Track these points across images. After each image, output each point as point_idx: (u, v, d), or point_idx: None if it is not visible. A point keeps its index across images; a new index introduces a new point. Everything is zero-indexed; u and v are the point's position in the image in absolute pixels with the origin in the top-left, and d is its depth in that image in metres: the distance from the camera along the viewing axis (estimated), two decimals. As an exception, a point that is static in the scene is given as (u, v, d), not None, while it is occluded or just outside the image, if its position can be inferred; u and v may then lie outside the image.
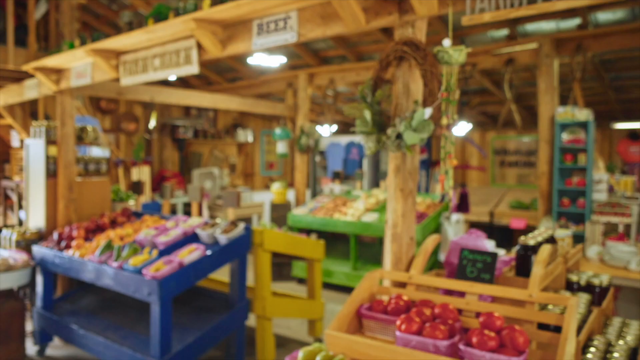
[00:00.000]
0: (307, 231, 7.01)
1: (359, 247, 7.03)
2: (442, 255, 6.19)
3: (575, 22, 5.13)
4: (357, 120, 2.39)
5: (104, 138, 4.93)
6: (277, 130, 7.12)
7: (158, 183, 8.06)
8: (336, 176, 7.73)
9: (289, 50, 6.76)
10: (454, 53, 2.18)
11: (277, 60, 6.04)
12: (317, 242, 4.55)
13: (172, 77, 3.46)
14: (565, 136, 5.01)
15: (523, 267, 2.35)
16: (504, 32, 5.56)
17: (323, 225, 6.55)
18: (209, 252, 3.60)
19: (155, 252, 3.56)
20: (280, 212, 7.15)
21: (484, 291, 2.11)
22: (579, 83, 5.11)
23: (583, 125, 4.96)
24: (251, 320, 4.18)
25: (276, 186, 7.15)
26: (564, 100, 5.73)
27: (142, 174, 7.30)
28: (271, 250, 4.04)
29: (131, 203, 5.34)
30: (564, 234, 2.69)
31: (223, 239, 3.76)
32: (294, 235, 4.29)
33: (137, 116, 8.46)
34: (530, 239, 2.38)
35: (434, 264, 6.35)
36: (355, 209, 6.57)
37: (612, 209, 4.82)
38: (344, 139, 10.95)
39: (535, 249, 2.34)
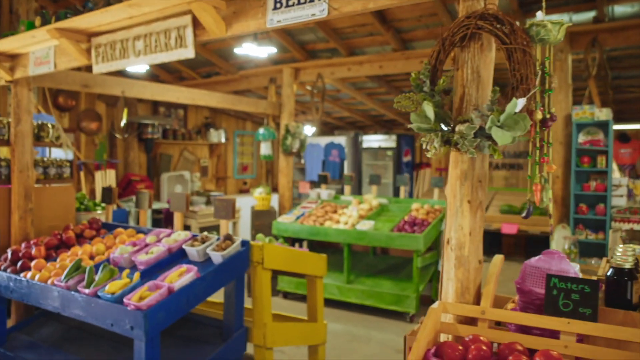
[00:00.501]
0: (293, 240, 6.52)
1: (351, 258, 6.59)
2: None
3: (590, 15, 4.85)
4: (412, 115, 1.93)
5: (66, 137, 4.29)
6: (261, 130, 6.59)
7: (124, 188, 7.37)
8: (322, 180, 7.25)
9: (273, 43, 6.25)
10: (553, 27, 1.75)
11: (266, 51, 5.52)
12: (319, 257, 4.07)
13: (161, 60, 2.89)
14: (581, 137, 4.72)
15: (617, 296, 1.95)
16: (512, 24, 5.23)
17: (313, 234, 6.07)
18: (202, 274, 3.05)
19: (137, 276, 2.99)
20: (263, 220, 6.62)
21: (589, 331, 1.69)
22: (594, 80, 4.83)
23: (601, 125, 4.68)
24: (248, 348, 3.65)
25: (259, 191, 6.61)
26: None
27: (107, 178, 6.62)
28: (272, 268, 3.53)
29: (98, 212, 4.70)
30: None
31: (217, 257, 3.23)
32: (296, 250, 3.79)
33: (100, 114, 7.74)
34: (624, 261, 1.98)
35: (433, 274, 5.98)
36: (348, 216, 6.12)
37: (633, 215, 4.56)
38: (324, 140, 10.51)
39: (632, 273, 1.94)
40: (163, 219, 7.77)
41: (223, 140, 9.87)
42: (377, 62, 6.10)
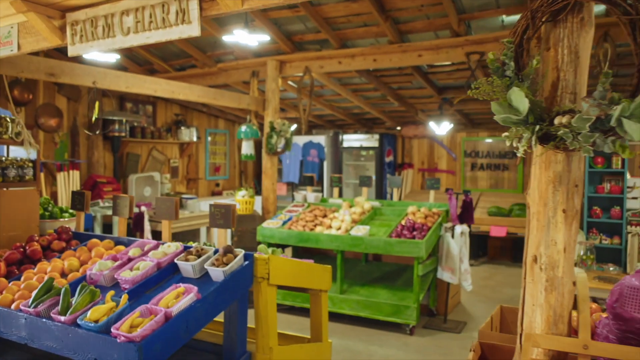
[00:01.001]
0: (278, 247, 6.10)
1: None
2: (444, 273, 5.54)
3: (603, 6, 4.65)
4: (493, 105, 1.58)
5: (28, 134, 3.74)
6: (243, 128, 6.15)
7: (89, 191, 6.76)
8: (307, 181, 6.87)
9: (257, 33, 5.81)
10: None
11: (257, 39, 5.09)
12: (324, 269, 3.69)
13: (157, 40, 2.45)
14: (594, 136, 4.51)
15: None
16: (518, 16, 5.00)
17: (302, 240, 5.69)
18: (202, 295, 2.63)
19: (124, 299, 2.53)
20: (246, 225, 6.18)
21: None
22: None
23: (616, 123, 4.48)
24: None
25: (242, 194, 6.17)
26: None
27: (71, 180, 6.03)
28: (278, 283, 3.12)
29: (65, 220, 4.17)
30: None
31: (218, 273, 2.80)
32: (303, 262, 3.40)
33: (60, 109, 7.10)
34: None
35: (431, 283, 5.70)
36: (340, 221, 5.77)
37: (649, 219, 4.39)
38: (302, 139, 10.12)
39: None
40: (132, 225, 7.19)
41: (195, 139, 9.34)
42: (371, 55, 5.77)
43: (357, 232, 5.50)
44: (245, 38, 4.70)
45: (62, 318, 2.47)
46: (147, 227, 6.81)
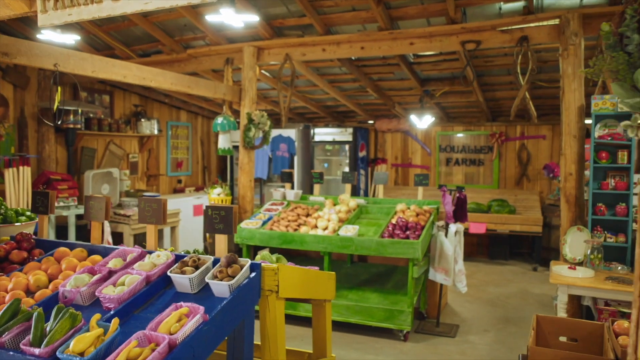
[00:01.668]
0: (255, 249, 5.73)
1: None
2: (438, 275, 5.32)
3: (605, -5, 4.53)
4: (615, 87, 1.30)
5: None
6: (219, 119, 5.69)
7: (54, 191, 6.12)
8: (286, 177, 6.49)
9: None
10: None
11: (243, 19, 4.66)
12: (329, 276, 3.36)
13: (159, 6, 2.01)
14: (598, 131, 4.39)
15: None
16: (516, 4, 4.82)
17: (286, 241, 5.32)
18: (209, 316, 2.24)
19: (114, 324, 2.10)
20: (222, 226, 5.73)
21: None
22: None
23: (621, 117, 4.38)
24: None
25: (217, 192, 5.74)
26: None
27: (22, 177, 5.41)
28: (287, 296, 2.76)
29: (22, 224, 3.64)
30: None
31: (223, 288, 2.42)
32: (310, 270, 3.05)
33: (6, 97, 6.40)
34: None
35: (423, 285, 5.46)
36: (326, 220, 5.44)
37: (655, 216, 4.29)
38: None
39: None
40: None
41: (156, 132, 8.74)
42: (359, 43, 5.45)
43: (345, 232, 5.19)
44: (230, 18, 4.26)
45: (37, 351, 2.02)
46: (107, 229, 6.26)
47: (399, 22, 5.35)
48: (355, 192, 9.69)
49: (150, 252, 2.79)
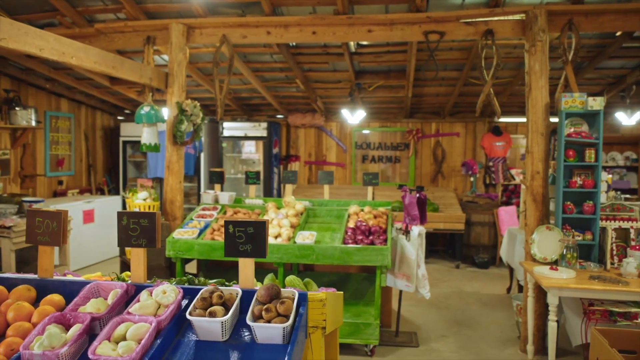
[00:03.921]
0: (183, 262, 5.01)
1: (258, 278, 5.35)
2: (398, 281, 5.08)
3: (568, -7, 4.64)
4: None
5: None
6: (144, 109, 4.84)
7: None
8: (216, 178, 5.80)
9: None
10: None
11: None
12: (337, 297, 2.89)
13: None
14: (565, 129, 4.48)
15: None
16: (481, -5, 4.75)
17: (233, 253, 4.68)
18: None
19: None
20: (149, 238, 4.89)
21: None
22: (572, 66, 4.64)
23: (586, 115, 4.51)
24: None
25: (142, 196, 4.89)
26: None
27: None
28: (331, 330, 2.26)
29: None
30: None
31: (275, 332, 1.87)
32: (339, 294, 2.57)
33: None
34: None
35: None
36: (278, 227, 4.91)
37: (617, 213, 4.50)
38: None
39: None
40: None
41: (33, 123, 7.38)
42: (311, 27, 4.99)
43: (303, 239, 4.72)
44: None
45: None
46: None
47: (354, 6, 5.00)
48: (268, 192, 9.18)
49: (147, 287, 2.10)
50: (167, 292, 2.02)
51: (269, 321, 1.89)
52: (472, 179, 9.12)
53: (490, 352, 4.78)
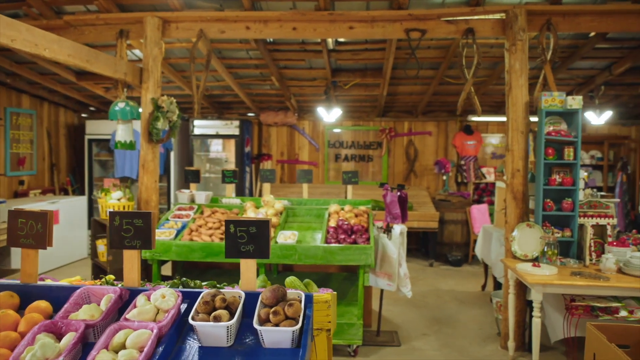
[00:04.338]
0: (146, 263, 4.85)
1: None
2: (380, 280, 5.06)
3: (546, -6, 4.72)
4: None
5: None
6: (119, 105, 4.65)
7: None
8: (192, 177, 5.65)
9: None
10: None
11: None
12: (334, 297, 2.83)
13: None
14: (544, 127, 4.55)
15: None
16: (462, -6, 4.77)
17: (212, 254, 4.61)
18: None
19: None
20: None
21: None
22: (550, 65, 4.72)
23: (565, 114, 4.60)
24: None
25: (117, 196, 4.70)
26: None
27: None
28: (332, 332, 2.20)
29: None
30: None
31: (283, 336, 1.80)
32: (333, 294, 2.50)
33: None
34: None
35: (359, 292, 5.16)
36: (258, 227, 4.80)
37: (594, 210, 4.60)
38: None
39: None
40: None
41: (-7, 120, 7.03)
42: (291, 23, 4.90)
43: (285, 239, 4.64)
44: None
45: None
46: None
47: (335, 2, 4.95)
48: (241, 191, 9.04)
49: (135, 291, 1.99)
50: (166, 297, 1.92)
51: (277, 324, 1.82)
52: (444, 177, 9.22)
53: (472, 350, 4.82)
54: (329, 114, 7.66)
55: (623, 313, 3.82)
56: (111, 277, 2.63)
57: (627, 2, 4.81)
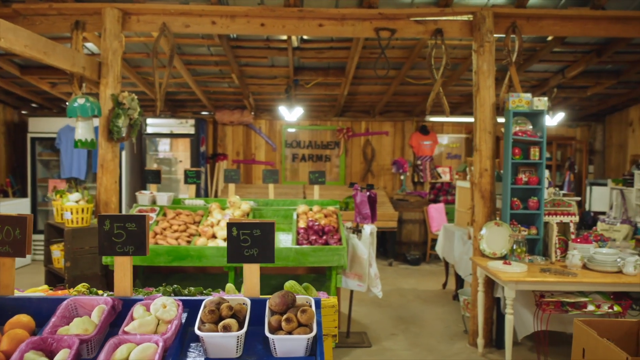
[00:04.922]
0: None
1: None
2: (350, 281, 5.02)
3: (512, -3, 4.85)
4: None
5: None
6: (78, 101, 4.37)
7: None
8: (152, 177, 5.41)
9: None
10: None
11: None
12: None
13: None
14: (512, 127, 4.68)
15: None
16: (431, -5, 4.82)
17: (178, 257, 4.44)
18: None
19: None
20: (82, 243, 4.45)
21: None
22: (515, 67, 4.86)
23: (530, 115, 4.75)
24: None
25: (74, 198, 4.42)
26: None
27: None
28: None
29: None
30: None
31: (298, 345, 1.72)
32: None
33: None
34: None
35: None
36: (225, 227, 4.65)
37: (558, 208, 4.77)
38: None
39: None
40: None
41: None
42: (259, 19, 4.78)
43: (255, 241, 4.50)
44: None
45: None
46: None
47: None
48: (198, 193, 8.77)
49: (128, 300, 1.85)
50: (167, 306, 1.78)
51: (289, 332, 1.73)
52: (402, 177, 9.33)
53: (441, 348, 4.87)
54: (291, 113, 7.57)
55: (590, 307, 3.96)
56: (86, 285, 2.44)
57: (587, 8, 5.01)
